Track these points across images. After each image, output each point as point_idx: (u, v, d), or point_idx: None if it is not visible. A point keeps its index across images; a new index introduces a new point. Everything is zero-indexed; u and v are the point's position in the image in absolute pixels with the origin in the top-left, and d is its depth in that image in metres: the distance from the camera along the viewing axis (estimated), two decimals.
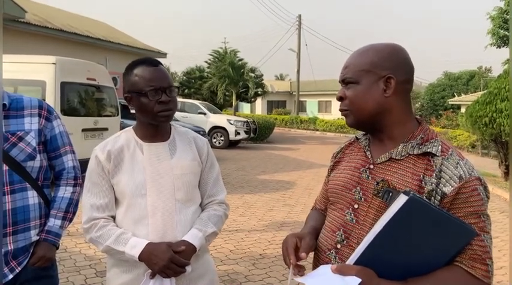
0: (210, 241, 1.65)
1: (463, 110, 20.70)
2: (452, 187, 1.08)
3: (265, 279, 3.93)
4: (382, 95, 1.18)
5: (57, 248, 1.82)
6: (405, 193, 1.02)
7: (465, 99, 23.72)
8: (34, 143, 1.72)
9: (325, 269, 1.08)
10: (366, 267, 1.02)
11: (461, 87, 33.77)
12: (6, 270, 1.65)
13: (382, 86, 1.18)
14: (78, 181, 1.85)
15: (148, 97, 1.51)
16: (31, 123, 1.73)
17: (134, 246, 1.48)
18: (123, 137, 1.62)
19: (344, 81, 1.23)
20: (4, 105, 1.69)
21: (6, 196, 1.64)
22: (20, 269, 1.68)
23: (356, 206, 1.21)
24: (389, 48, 1.21)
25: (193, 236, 1.55)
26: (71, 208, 1.81)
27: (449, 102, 27.63)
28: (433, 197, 1.09)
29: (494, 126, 9.16)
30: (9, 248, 1.66)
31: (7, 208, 1.64)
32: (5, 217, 1.63)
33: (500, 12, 16.41)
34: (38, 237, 1.73)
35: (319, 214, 1.48)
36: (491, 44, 17.22)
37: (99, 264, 4.01)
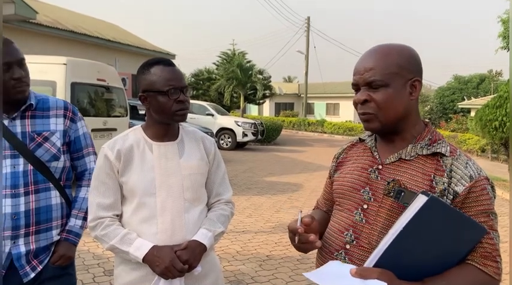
0: (217, 240, 1.67)
1: (472, 114, 20.53)
2: (463, 186, 1.10)
3: (272, 280, 3.93)
4: (409, 98, 1.18)
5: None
6: (423, 193, 1.03)
7: (475, 103, 23.53)
8: (59, 144, 1.75)
9: (336, 266, 1.08)
10: (386, 270, 1.02)
11: (471, 91, 33.47)
12: (28, 269, 1.68)
13: (409, 89, 1.18)
14: None
15: (168, 96, 1.53)
16: (56, 124, 1.76)
17: (139, 248, 1.49)
18: (131, 136, 1.63)
19: (371, 84, 1.17)
20: (31, 104, 1.72)
21: (30, 196, 1.67)
22: (41, 267, 1.71)
23: (365, 206, 1.21)
24: (409, 50, 1.21)
25: (203, 236, 1.57)
26: None
27: (459, 106, 27.40)
28: (445, 197, 1.11)
29: (504, 130, 9.09)
30: (31, 247, 1.69)
31: (30, 208, 1.67)
32: (28, 216, 1.66)
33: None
34: (59, 237, 1.77)
35: (322, 212, 1.48)
36: (502, 47, 17.05)
37: (107, 263, 4.04)
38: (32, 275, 1.69)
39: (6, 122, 1.67)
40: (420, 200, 1.01)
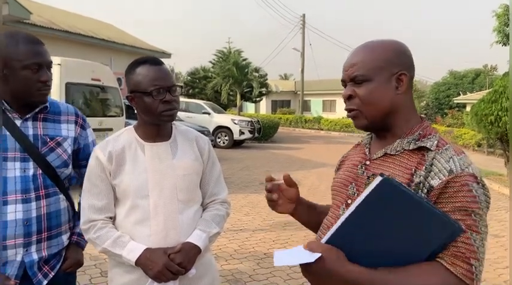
0: (213, 241, 1.65)
1: (468, 109, 20.58)
2: (440, 180, 1.03)
3: (270, 278, 3.93)
4: (395, 92, 1.16)
5: None
6: (381, 175, 0.97)
7: (470, 98, 23.59)
8: (70, 150, 1.71)
9: (300, 246, 1.07)
10: (335, 247, 1.00)
11: (466, 86, 33.54)
12: (40, 276, 1.63)
13: (394, 83, 1.15)
14: None
15: (153, 97, 1.50)
16: (68, 130, 1.72)
17: (132, 251, 1.48)
18: (123, 136, 1.61)
19: (354, 79, 1.17)
20: (46, 107, 1.68)
21: (41, 201, 1.62)
22: (53, 273, 1.67)
23: (349, 201, 1.20)
24: (396, 45, 1.19)
25: (197, 237, 1.55)
26: None
27: (455, 101, 27.48)
28: (420, 190, 1.05)
29: (500, 125, 9.10)
30: (43, 254, 1.63)
31: (42, 213, 1.61)
32: (39, 222, 1.61)
33: (505, 9, 16.28)
34: (68, 241, 1.73)
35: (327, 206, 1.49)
36: (497, 42, 17.08)
37: (103, 264, 4.02)
38: (45, 282, 1.63)
39: (18, 123, 1.61)
40: (374, 182, 0.96)
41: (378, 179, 0.96)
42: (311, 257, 0.98)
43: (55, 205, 1.66)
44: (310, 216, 1.43)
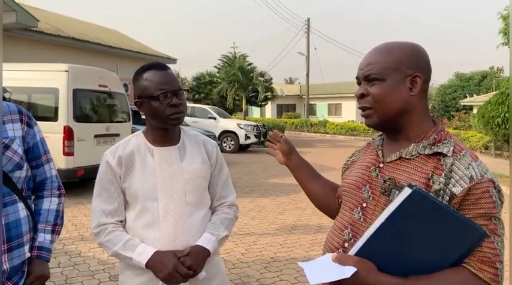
0: (221, 244, 1.67)
1: (475, 111, 20.48)
2: (462, 187, 1.05)
3: (277, 282, 3.93)
4: (408, 94, 1.17)
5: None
6: (410, 186, 0.99)
7: (477, 100, 23.47)
8: (21, 151, 1.57)
9: (328, 257, 1.09)
10: (366, 259, 1.02)
11: (473, 88, 33.36)
12: None
13: (408, 85, 1.17)
14: (62, 191, 1.75)
15: (160, 101, 1.53)
16: (14, 130, 1.58)
17: (141, 253, 1.50)
18: (133, 141, 1.64)
19: (367, 78, 1.19)
20: None
21: None
22: None
23: (364, 205, 1.20)
24: (413, 47, 1.21)
25: (206, 240, 1.57)
26: (59, 220, 1.70)
27: (461, 103, 27.36)
28: (440, 197, 1.06)
29: (507, 126, 9.06)
30: (5, 267, 1.49)
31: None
32: None
33: None
34: (29, 254, 1.58)
35: (334, 189, 1.53)
36: (503, 44, 17.00)
37: (112, 268, 4.05)
38: None
39: None
40: (404, 193, 0.98)
41: (408, 190, 0.98)
42: (346, 271, 0.99)
43: (14, 214, 1.52)
44: (308, 180, 1.56)
